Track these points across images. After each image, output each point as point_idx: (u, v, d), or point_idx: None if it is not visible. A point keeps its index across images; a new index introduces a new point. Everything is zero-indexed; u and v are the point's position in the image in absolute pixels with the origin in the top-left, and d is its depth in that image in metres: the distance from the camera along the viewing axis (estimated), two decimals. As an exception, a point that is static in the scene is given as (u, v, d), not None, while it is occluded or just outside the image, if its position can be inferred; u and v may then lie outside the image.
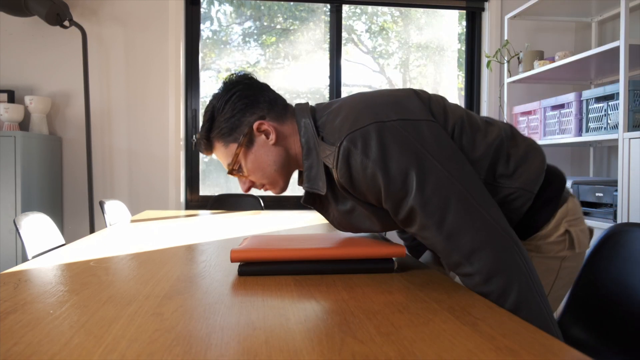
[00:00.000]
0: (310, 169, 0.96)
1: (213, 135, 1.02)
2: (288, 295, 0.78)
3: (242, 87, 1.01)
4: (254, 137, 0.99)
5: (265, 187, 1.05)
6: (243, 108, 0.99)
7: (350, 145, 0.84)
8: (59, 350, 0.55)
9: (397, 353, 0.54)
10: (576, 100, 2.25)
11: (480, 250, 0.80)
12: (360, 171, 0.85)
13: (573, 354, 0.55)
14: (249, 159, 1.00)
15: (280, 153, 1.00)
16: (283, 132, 1.00)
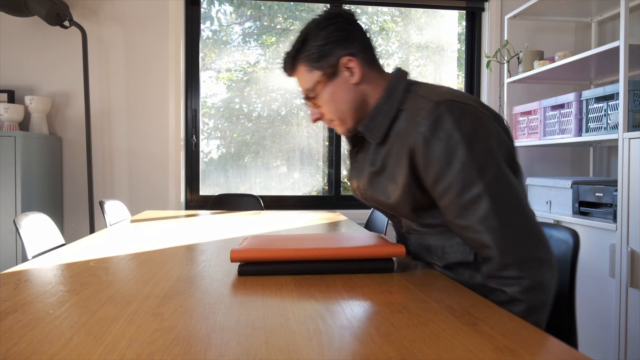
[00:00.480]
0: (376, 116, 0.99)
1: (300, 57, 1.04)
2: (288, 295, 0.78)
3: (342, 20, 1.01)
4: (338, 71, 1.01)
5: (332, 123, 1.06)
6: (337, 40, 1.00)
7: (447, 110, 0.87)
8: (58, 350, 0.55)
9: (397, 353, 0.54)
10: (576, 100, 2.25)
11: (535, 261, 0.83)
12: (442, 137, 0.87)
13: (573, 354, 0.55)
14: (327, 90, 1.02)
15: (357, 94, 1.02)
16: (366, 76, 1.02)
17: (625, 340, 1.86)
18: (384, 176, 0.99)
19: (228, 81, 3.05)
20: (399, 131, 0.96)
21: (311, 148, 3.06)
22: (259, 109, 3.06)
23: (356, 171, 1.09)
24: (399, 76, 1.02)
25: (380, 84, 1.02)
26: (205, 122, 3.02)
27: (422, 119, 0.89)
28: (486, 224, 0.84)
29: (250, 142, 3.05)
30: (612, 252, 1.91)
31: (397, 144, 0.95)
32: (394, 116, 0.97)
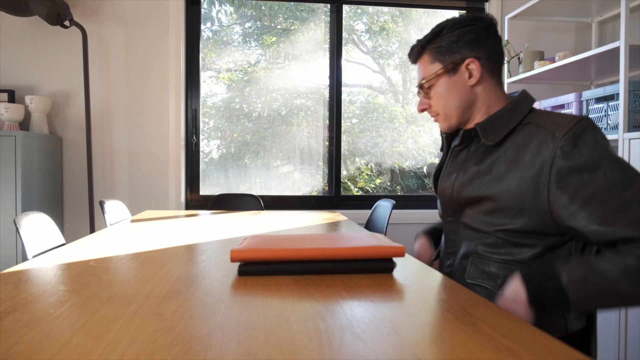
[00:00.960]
0: (495, 121, 1.02)
1: (429, 47, 1.07)
2: (288, 295, 0.78)
3: (479, 25, 1.05)
4: (458, 69, 1.05)
5: (437, 117, 1.11)
6: (468, 41, 1.04)
7: (588, 126, 0.90)
8: (59, 349, 0.55)
9: (397, 353, 0.54)
10: (576, 100, 2.25)
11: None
12: (585, 150, 0.87)
13: (573, 354, 0.55)
14: (441, 84, 1.06)
15: (469, 96, 1.06)
16: (484, 82, 1.06)
17: (625, 340, 1.85)
18: (489, 178, 0.99)
19: (228, 81, 3.05)
20: (518, 140, 0.97)
21: (311, 148, 3.06)
22: (259, 109, 3.06)
23: (454, 168, 1.10)
24: (526, 97, 1.05)
25: (497, 95, 1.06)
26: (206, 122, 3.02)
27: (562, 132, 0.90)
28: (636, 227, 0.81)
29: (251, 142, 3.06)
30: (612, 252, 1.91)
31: (513, 150, 0.97)
32: (514, 127, 0.99)
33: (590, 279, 0.81)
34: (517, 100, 1.03)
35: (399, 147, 3.17)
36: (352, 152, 3.13)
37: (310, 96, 3.07)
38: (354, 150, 3.13)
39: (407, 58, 3.19)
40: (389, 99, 3.19)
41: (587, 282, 0.80)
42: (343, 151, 3.07)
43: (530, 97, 1.05)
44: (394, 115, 3.15)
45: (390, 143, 3.16)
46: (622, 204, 0.82)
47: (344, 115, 3.07)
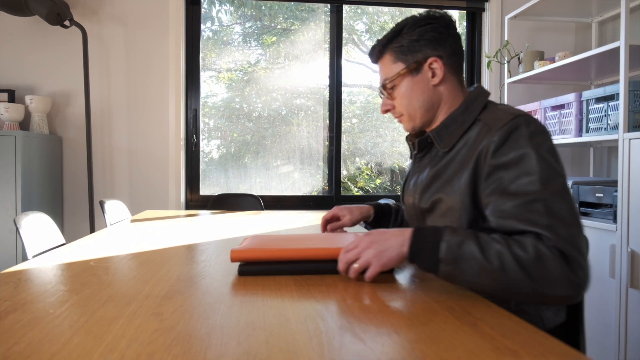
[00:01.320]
0: (449, 125, 1.02)
1: (390, 47, 1.06)
2: (288, 295, 0.78)
3: (440, 23, 1.04)
4: (421, 69, 1.04)
5: (401, 118, 1.10)
6: (430, 39, 1.03)
7: (524, 122, 0.90)
8: (59, 349, 0.55)
9: (397, 353, 0.54)
10: (576, 100, 2.25)
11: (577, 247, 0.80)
12: (514, 146, 0.88)
13: (573, 354, 0.55)
14: (404, 84, 1.05)
15: (433, 96, 1.05)
16: (447, 81, 1.04)
17: (625, 340, 1.86)
18: (442, 180, 1.00)
19: (228, 81, 3.06)
20: (469, 139, 0.98)
21: (311, 148, 3.06)
22: (259, 109, 3.06)
23: (417, 174, 1.11)
24: (480, 93, 1.04)
25: (457, 94, 1.05)
26: (206, 122, 3.02)
27: (497, 128, 0.91)
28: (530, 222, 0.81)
29: (251, 142, 3.06)
30: (612, 252, 1.91)
31: (465, 150, 0.98)
32: (468, 127, 1.00)
33: (469, 242, 0.79)
34: (471, 99, 1.03)
35: (399, 147, 3.17)
36: (352, 152, 3.13)
37: (310, 96, 3.07)
38: (354, 150, 3.13)
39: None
40: (389, 99, 3.19)
41: (462, 244, 0.79)
42: (343, 151, 3.07)
43: (484, 92, 1.05)
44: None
45: (391, 143, 3.16)
46: (527, 202, 0.83)
47: (344, 115, 3.07)
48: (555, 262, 0.76)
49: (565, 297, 0.77)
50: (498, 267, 0.77)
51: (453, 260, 0.79)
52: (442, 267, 0.80)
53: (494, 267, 0.77)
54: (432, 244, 0.81)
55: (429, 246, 0.81)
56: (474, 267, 0.78)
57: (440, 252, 0.80)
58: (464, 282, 0.80)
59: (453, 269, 0.79)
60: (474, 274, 0.78)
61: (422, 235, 0.83)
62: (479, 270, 0.78)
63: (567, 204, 0.83)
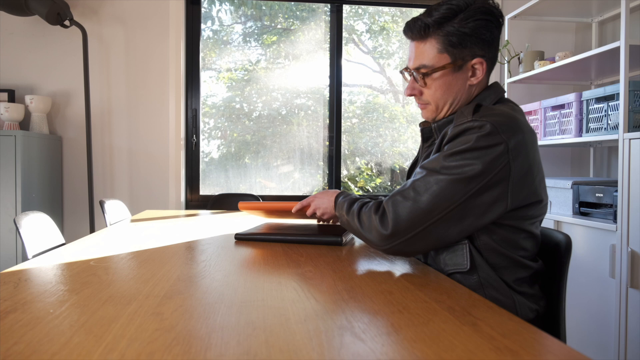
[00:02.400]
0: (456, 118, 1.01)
1: (439, 32, 0.98)
2: (288, 295, 0.78)
3: (495, 22, 1.00)
4: (464, 67, 1.00)
5: (426, 107, 1.07)
6: (482, 39, 0.98)
7: (475, 127, 0.92)
8: (59, 349, 0.55)
9: (397, 353, 0.54)
10: (576, 100, 2.25)
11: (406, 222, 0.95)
12: (458, 142, 0.92)
13: (573, 354, 0.55)
14: (443, 78, 1.01)
15: (466, 94, 1.03)
16: (482, 81, 1.03)
17: (625, 340, 1.86)
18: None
19: (228, 81, 3.05)
20: None
21: (311, 148, 3.06)
22: (260, 109, 3.06)
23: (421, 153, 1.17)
24: (491, 92, 1.03)
25: (482, 92, 1.05)
26: (206, 122, 3.02)
27: (454, 124, 0.94)
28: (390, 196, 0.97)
29: (251, 142, 3.06)
30: (612, 252, 1.91)
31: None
32: None
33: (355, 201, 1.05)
34: (481, 98, 1.03)
35: (399, 146, 3.17)
36: (352, 152, 3.13)
37: (310, 96, 3.07)
38: (354, 150, 3.13)
39: (407, 58, 3.16)
40: (389, 99, 3.19)
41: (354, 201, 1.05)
42: (343, 151, 3.07)
43: (496, 90, 1.04)
44: (394, 115, 3.15)
45: (391, 143, 3.16)
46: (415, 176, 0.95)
47: (344, 115, 3.07)
48: (374, 217, 0.96)
49: (378, 243, 0.96)
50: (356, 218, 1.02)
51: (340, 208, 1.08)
52: (337, 212, 1.10)
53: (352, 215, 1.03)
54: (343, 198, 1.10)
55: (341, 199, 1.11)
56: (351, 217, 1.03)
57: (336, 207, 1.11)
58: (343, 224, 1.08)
59: (341, 215, 1.07)
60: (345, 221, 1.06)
61: (343, 193, 1.13)
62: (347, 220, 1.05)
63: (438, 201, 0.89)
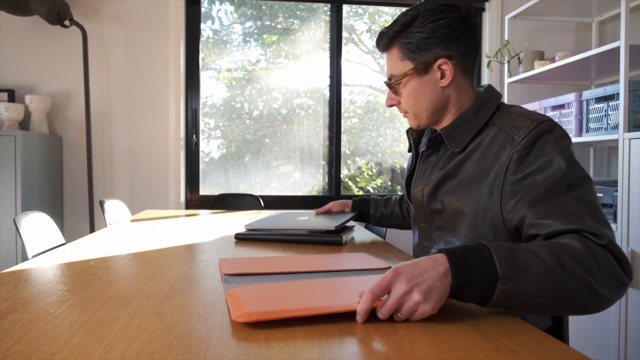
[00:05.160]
0: (461, 124, 0.98)
1: (398, 41, 1.00)
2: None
3: (455, 17, 0.96)
4: (430, 70, 0.98)
5: (406, 115, 1.06)
6: (442, 37, 0.96)
7: (548, 129, 0.87)
8: (58, 349, 0.55)
9: (397, 353, 0.54)
10: (576, 100, 2.25)
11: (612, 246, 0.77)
12: (539, 153, 0.86)
13: (573, 354, 0.55)
14: (411, 84, 1.00)
15: (441, 98, 1.00)
16: (456, 82, 0.99)
17: (625, 340, 1.85)
18: (455, 182, 0.97)
19: (228, 81, 3.05)
20: (483, 142, 0.95)
21: (312, 147, 3.06)
22: (260, 109, 3.06)
23: (423, 173, 1.07)
24: (491, 93, 1.00)
25: (467, 94, 1.01)
26: (206, 122, 3.02)
27: (521, 137, 0.88)
28: (569, 220, 0.78)
29: (251, 142, 3.06)
30: (612, 252, 1.91)
31: (479, 154, 0.94)
32: (480, 129, 0.96)
33: (520, 251, 0.71)
34: (483, 99, 0.99)
35: (399, 146, 3.17)
36: (353, 152, 3.13)
37: (310, 95, 3.07)
38: (355, 150, 3.13)
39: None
40: (389, 99, 3.19)
41: (515, 254, 0.70)
42: (343, 151, 3.07)
43: (495, 93, 1.01)
44: (394, 114, 3.15)
45: (391, 142, 3.16)
46: (561, 201, 0.81)
47: (344, 115, 3.07)
48: (607, 259, 0.73)
49: (614, 296, 0.73)
50: (557, 267, 0.70)
51: (513, 273, 0.68)
52: (502, 286, 0.67)
53: (554, 268, 0.69)
54: (483, 261, 0.68)
55: (480, 264, 0.68)
56: (534, 275, 0.69)
57: (497, 267, 0.67)
58: (522, 300, 0.68)
59: (514, 284, 0.67)
60: (535, 283, 0.68)
61: (465, 255, 0.69)
62: (540, 277, 0.69)
63: (599, 205, 0.82)
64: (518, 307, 0.70)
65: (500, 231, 0.91)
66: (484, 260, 0.68)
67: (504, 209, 0.89)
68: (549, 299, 0.70)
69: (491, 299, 0.67)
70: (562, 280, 0.70)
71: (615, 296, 0.74)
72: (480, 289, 0.67)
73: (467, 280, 0.67)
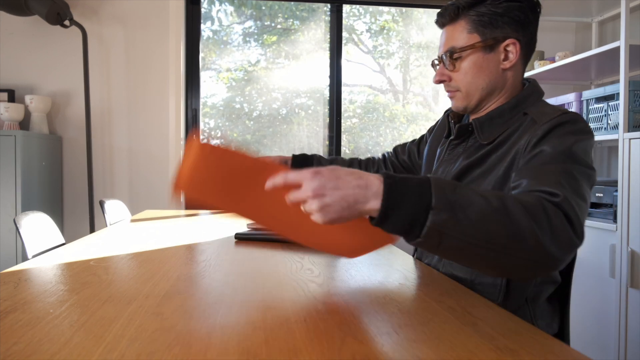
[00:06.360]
0: (495, 118, 0.96)
1: (469, 13, 0.95)
2: (288, 295, 0.78)
3: (527, 4, 0.94)
4: (496, 48, 0.95)
5: (455, 94, 1.01)
6: (515, 19, 0.93)
7: (571, 120, 0.86)
8: (58, 349, 0.55)
9: (397, 353, 0.54)
10: (576, 100, 2.25)
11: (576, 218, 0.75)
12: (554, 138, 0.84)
13: (573, 354, 0.55)
14: (473, 59, 0.96)
15: (499, 79, 0.97)
16: (516, 67, 0.98)
17: (625, 340, 1.86)
18: (478, 172, 0.96)
19: (228, 81, 3.05)
20: (511, 132, 0.94)
21: (312, 148, 3.06)
22: (260, 109, 3.06)
23: (448, 163, 1.05)
24: (534, 90, 0.99)
25: (518, 84, 1.00)
26: (206, 122, 3.02)
27: (543, 122, 0.87)
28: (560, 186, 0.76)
29: (251, 142, 3.05)
30: (612, 252, 1.91)
31: (505, 144, 0.93)
32: (512, 122, 0.95)
33: (463, 187, 0.67)
34: (523, 96, 0.97)
35: (399, 146, 3.17)
36: (353, 152, 3.13)
37: (310, 95, 3.07)
38: (355, 150, 3.13)
39: (407, 58, 3.16)
40: (389, 99, 3.19)
41: (456, 188, 0.66)
42: (343, 150, 3.07)
43: (538, 90, 0.99)
44: (394, 114, 3.15)
45: (391, 142, 3.16)
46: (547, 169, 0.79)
47: (344, 115, 3.07)
48: (558, 215, 0.70)
49: (562, 256, 0.70)
50: (501, 210, 0.65)
51: (449, 205, 0.63)
52: (433, 216, 0.62)
53: (497, 210, 0.65)
54: (420, 189, 0.64)
55: (415, 191, 0.64)
56: (473, 213, 0.64)
57: (432, 197, 0.63)
58: (453, 238, 0.64)
59: (448, 217, 0.63)
60: (473, 222, 0.64)
61: (402, 180, 0.65)
62: (479, 217, 0.64)
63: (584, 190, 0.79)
64: (447, 248, 0.65)
65: None
66: (420, 188, 0.64)
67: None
68: (486, 244, 0.65)
69: (420, 232, 0.63)
70: (504, 225, 0.65)
71: (564, 257, 0.70)
72: (408, 215, 0.63)
73: (396, 204, 0.62)
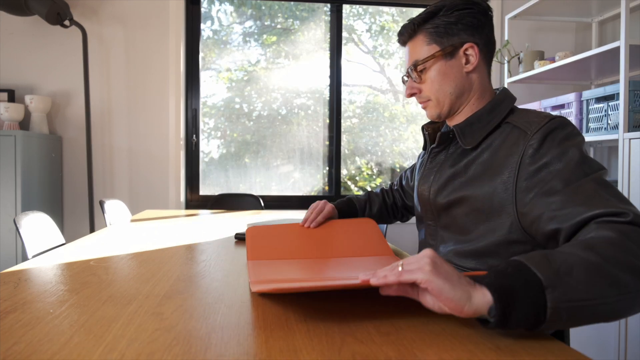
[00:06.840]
0: (474, 123, 0.99)
1: (425, 27, 1.02)
2: (288, 295, 0.78)
3: (479, 10, 1.00)
4: (456, 54, 1.00)
5: (428, 103, 1.05)
6: (468, 25, 0.99)
7: (560, 124, 0.88)
8: (58, 349, 0.55)
9: (397, 353, 0.54)
10: (576, 100, 2.25)
11: None
12: (551, 146, 0.86)
13: (573, 354, 0.55)
14: (437, 68, 1.01)
15: (465, 83, 1.01)
16: (479, 70, 1.02)
17: (625, 340, 1.85)
18: (463, 180, 0.98)
19: (228, 81, 3.05)
20: (494, 141, 0.96)
21: (311, 148, 3.06)
22: (260, 109, 3.06)
23: (431, 171, 1.08)
24: (506, 95, 1.02)
25: (486, 87, 1.03)
26: (206, 122, 3.02)
27: (533, 131, 0.89)
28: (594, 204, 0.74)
29: (251, 142, 3.06)
30: (612, 252, 1.91)
31: (490, 152, 0.95)
32: (492, 129, 0.97)
33: (552, 254, 0.63)
34: (498, 100, 1.01)
35: (399, 146, 3.17)
36: (353, 152, 3.13)
37: (310, 96, 3.07)
38: (355, 150, 3.13)
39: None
40: (389, 99, 3.19)
41: (549, 257, 0.62)
42: (343, 150, 3.07)
43: (510, 96, 1.03)
44: (394, 114, 3.15)
45: (391, 142, 3.16)
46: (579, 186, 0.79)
47: (344, 115, 3.07)
48: (639, 234, 0.67)
49: None
50: (598, 259, 0.62)
51: (556, 277, 0.59)
52: (551, 294, 0.57)
53: (596, 262, 0.61)
54: (520, 274, 0.59)
55: (518, 278, 0.59)
56: (579, 274, 0.60)
57: (540, 275, 0.58)
58: (578, 307, 0.59)
59: (565, 289, 0.58)
60: (585, 283, 0.59)
61: (498, 273, 0.60)
62: (587, 275, 0.60)
63: (617, 189, 0.79)
64: (578, 318, 0.60)
65: (514, 229, 0.90)
66: (520, 273, 0.59)
67: (519, 204, 0.88)
68: (607, 297, 0.60)
69: (545, 315, 0.57)
70: (610, 271, 0.61)
71: None
72: (529, 305, 0.57)
73: (511, 298, 0.57)
